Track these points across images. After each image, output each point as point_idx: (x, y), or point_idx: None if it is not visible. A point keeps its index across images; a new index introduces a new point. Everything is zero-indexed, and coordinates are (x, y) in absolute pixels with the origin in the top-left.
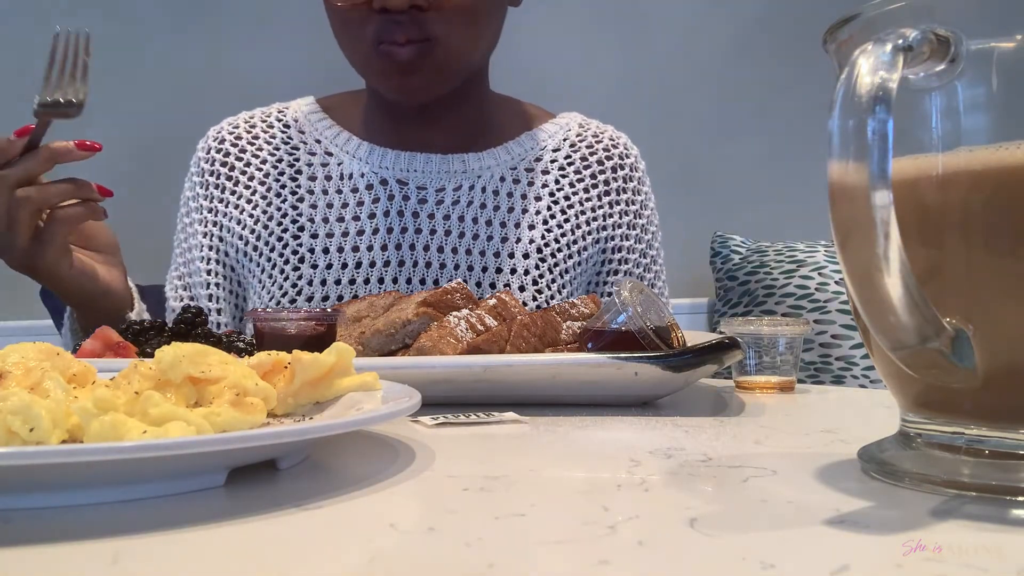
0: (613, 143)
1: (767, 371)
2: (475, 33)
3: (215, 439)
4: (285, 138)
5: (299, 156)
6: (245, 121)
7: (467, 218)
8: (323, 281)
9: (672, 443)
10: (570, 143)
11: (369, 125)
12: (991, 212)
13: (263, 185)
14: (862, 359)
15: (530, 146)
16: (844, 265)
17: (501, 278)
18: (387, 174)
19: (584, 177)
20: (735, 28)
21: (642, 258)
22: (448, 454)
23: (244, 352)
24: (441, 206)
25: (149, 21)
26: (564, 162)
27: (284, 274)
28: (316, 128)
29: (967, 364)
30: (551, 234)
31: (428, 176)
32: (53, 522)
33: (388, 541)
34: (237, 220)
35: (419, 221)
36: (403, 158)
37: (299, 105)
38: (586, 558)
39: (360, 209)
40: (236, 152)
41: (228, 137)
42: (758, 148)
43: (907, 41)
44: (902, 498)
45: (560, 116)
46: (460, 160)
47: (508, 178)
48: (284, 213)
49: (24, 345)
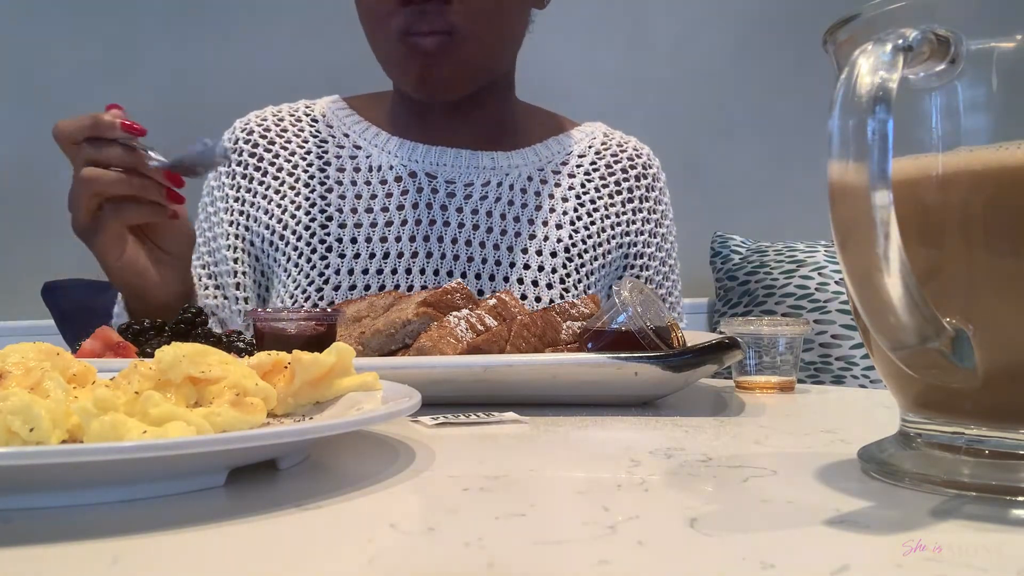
0: (637, 153)
1: (767, 371)
2: (499, 29)
3: (215, 439)
4: (313, 131)
5: (328, 149)
6: (273, 114)
7: (495, 214)
8: (350, 271)
9: (672, 443)
10: (595, 151)
11: (396, 121)
12: (991, 212)
13: (291, 176)
14: (862, 359)
15: (557, 150)
16: (844, 265)
17: (529, 275)
18: (416, 167)
19: (608, 183)
20: (735, 28)
21: (662, 266)
22: (448, 454)
23: (244, 352)
24: (469, 200)
25: (152, 18)
26: (589, 167)
27: (311, 263)
28: (344, 123)
29: (967, 364)
30: (578, 235)
31: (457, 171)
32: (53, 522)
33: (388, 541)
34: (265, 210)
35: (447, 214)
36: (433, 152)
37: (325, 102)
38: (586, 558)
39: (389, 201)
40: (265, 143)
41: (257, 128)
42: (758, 148)
43: (907, 41)
44: (902, 498)
45: (585, 125)
46: (489, 157)
47: (536, 178)
48: (313, 203)
49: (24, 345)
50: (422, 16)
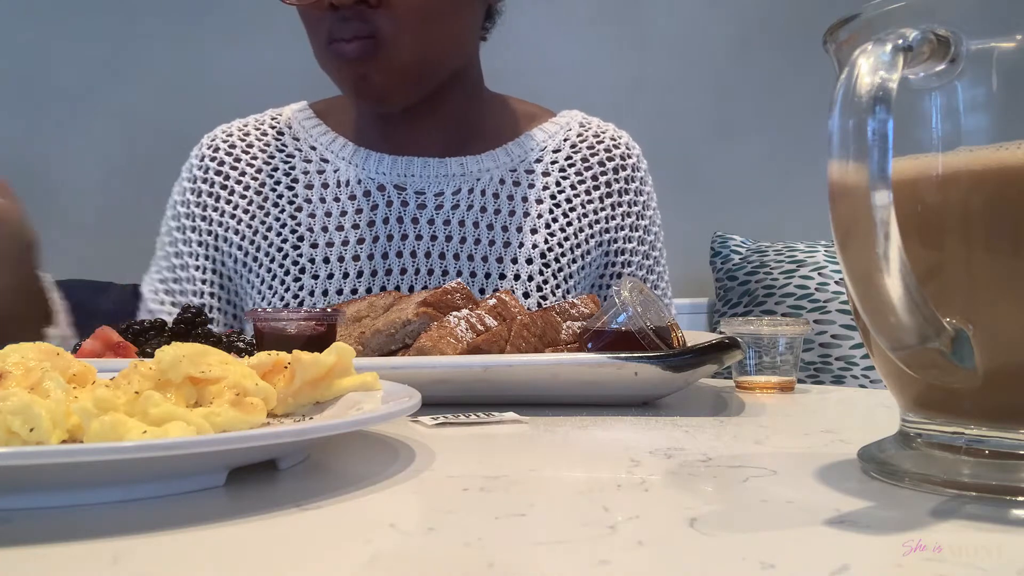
0: (615, 143)
1: (767, 371)
2: (431, 33)
3: (215, 439)
4: (280, 145)
5: (295, 164)
6: (239, 128)
7: (467, 223)
8: (324, 291)
9: (672, 443)
10: (571, 144)
11: (362, 129)
12: (991, 212)
13: (259, 195)
14: (862, 359)
15: (530, 147)
16: (844, 265)
17: (505, 284)
18: (384, 179)
19: (585, 179)
20: (735, 28)
21: (645, 260)
22: (448, 454)
23: (244, 352)
24: (441, 211)
25: (152, 18)
26: (565, 163)
27: (285, 285)
28: (311, 135)
29: (967, 364)
30: (554, 238)
31: (426, 180)
32: (53, 522)
33: (388, 541)
34: (235, 230)
35: (419, 227)
36: (400, 163)
37: (292, 111)
38: (586, 558)
39: (359, 217)
40: (231, 161)
41: (223, 145)
42: (758, 148)
43: (907, 41)
44: (902, 498)
45: (560, 115)
46: (458, 163)
47: (508, 180)
48: (283, 223)
49: (24, 345)
50: (344, 22)
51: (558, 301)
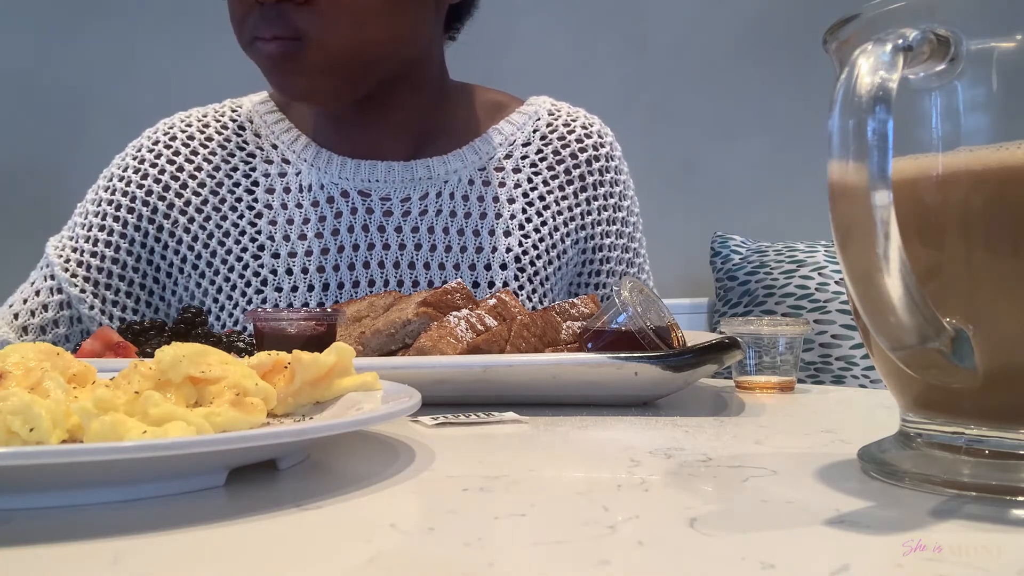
0: (586, 132)
1: (767, 371)
2: (363, 33)
3: (215, 439)
4: (240, 143)
5: (255, 165)
6: (198, 119)
7: (437, 229)
8: (290, 304)
9: (672, 443)
10: (540, 135)
11: (321, 128)
12: (991, 212)
13: (215, 195)
14: (862, 359)
15: (499, 142)
16: (844, 265)
17: (479, 293)
18: (348, 185)
19: (558, 173)
20: (735, 28)
21: (624, 252)
22: (448, 454)
23: (244, 352)
24: (408, 217)
25: (152, 18)
26: (536, 158)
27: (247, 297)
28: (272, 131)
29: (967, 364)
30: (528, 240)
31: (391, 185)
32: (53, 522)
33: (388, 541)
34: (185, 228)
35: (386, 236)
36: (363, 168)
37: (252, 103)
38: (586, 558)
39: (322, 225)
40: (187, 152)
41: (180, 135)
42: (758, 148)
43: (907, 41)
44: (902, 498)
45: (528, 102)
46: (424, 166)
47: (477, 180)
48: (242, 230)
49: (24, 345)
50: (264, 20)
51: (535, 307)
